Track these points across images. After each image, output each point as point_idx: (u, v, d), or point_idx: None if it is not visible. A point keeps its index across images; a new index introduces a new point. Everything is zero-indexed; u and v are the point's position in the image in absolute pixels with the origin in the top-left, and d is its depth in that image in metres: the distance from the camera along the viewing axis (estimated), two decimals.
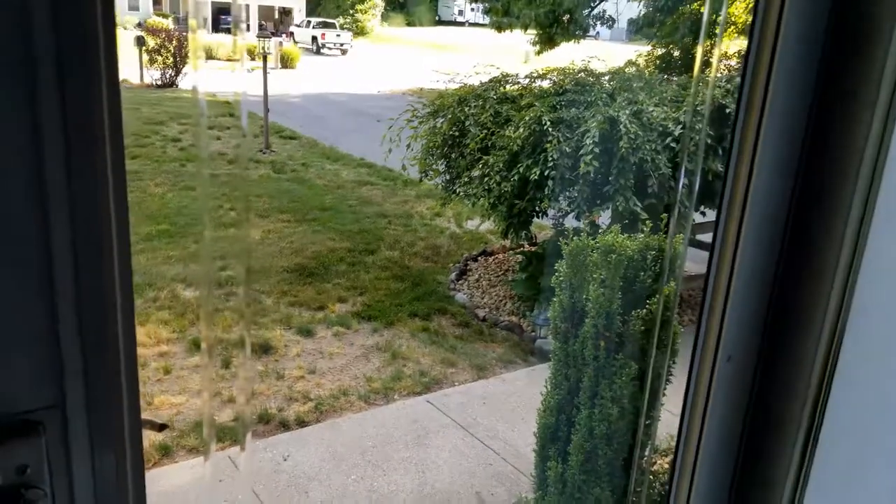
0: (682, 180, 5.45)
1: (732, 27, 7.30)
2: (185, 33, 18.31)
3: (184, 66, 18.52)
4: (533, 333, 6.66)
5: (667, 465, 3.16)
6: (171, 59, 18.36)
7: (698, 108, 5.81)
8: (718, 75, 7.80)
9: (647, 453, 3.02)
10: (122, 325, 0.78)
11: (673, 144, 5.88)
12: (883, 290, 1.04)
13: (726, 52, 7.46)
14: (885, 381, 1.03)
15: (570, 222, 6.84)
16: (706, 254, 1.22)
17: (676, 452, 1.22)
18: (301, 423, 5.05)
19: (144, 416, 1.01)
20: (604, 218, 6.33)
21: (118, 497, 0.85)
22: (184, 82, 18.55)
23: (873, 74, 1.03)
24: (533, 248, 7.94)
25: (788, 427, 1.14)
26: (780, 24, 1.07)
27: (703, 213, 6.54)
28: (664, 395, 2.92)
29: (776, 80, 1.10)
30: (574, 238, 3.11)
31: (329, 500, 4.28)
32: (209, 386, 4.57)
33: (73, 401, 0.79)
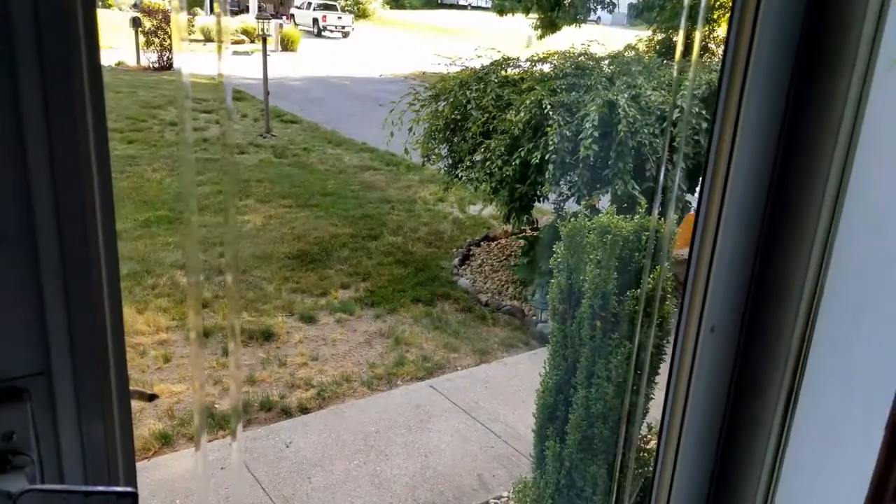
0: (669, 162, 5.49)
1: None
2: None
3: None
4: (534, 317, 6.69)
5: None
6: (169, 41, 18.18)
7: (685, 93, 5.84)
8: (715, 60, 7.78)
9: (640, 431, 3.05)
10: (107, 294, 0.79)
11: (671, 128, 5.88)
12: (856, 263, 1.07)
13: (723, 38, 7.42)
14: (858, 349, 1.05)
15: (571, 206, 6.85)
16: None
17: (663, 419, 1.24)
18: (303, 409, 5.09)
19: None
20: (604, 202, 6.34)
21: (107, 464, 0.86)
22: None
23: (850, 48, 1.04)
24: (535, 233, 7.96)
25: (770, 393, 1.16)
26: (760, 2, 1.09)
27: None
28: (658, 373, 2.95)
29: (757, 59, 1.11)
30: (571, 220, 3.13)
31: (332, 486, 4.32)
32: (199, 375, 4.60)
33: (58, 368, 0.80)
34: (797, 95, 1.13)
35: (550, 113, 6.18)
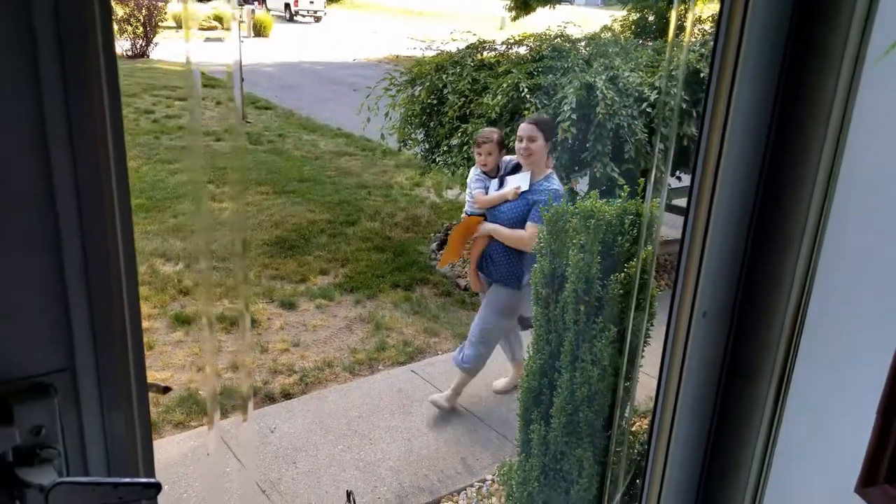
0: (658, 145, 5.51)
1: None
2: (155, 1, 17.94)
3: (154, 36, 18.15)
4: None
5: (645, 426, 3.23)
6: (142, 29, 17.94)
7: (672, 73, 5.86)
8: (693, 39, 7.81)
9: (626, 413, 3.09)
10: (126, 291, 0.81)
11: (649, 110, 5.91)
12: (847, 246, 1.09)
13: (700, 17, 7.46)
14: (849, 333, 1.08)
15: None
16: (682, 218, 1.26)
17: (656, 404, 1.27)
18: (287, 395, 5.09)
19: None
20: (581, 184, 6.37)
21: (128, 455, 0.88)
22: (155, 52, 18.21)
23: (840, 31, 1.06)
24: None
25: (761, 377, 1.19)
26: None
27: (679, 178, 6.60)
28: (642, 356, 2.98)
29: (748, 41, 1.13)
30: (554, 204, 3.15)
31: (317, 470, 4.34)
32: (211, 358, 4.62)
33: (82, 364, 0.82)
34: (788, 81, 1.15)
35: (527, 96, 6.19)
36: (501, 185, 4.66)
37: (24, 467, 0.78)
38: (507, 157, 4.81)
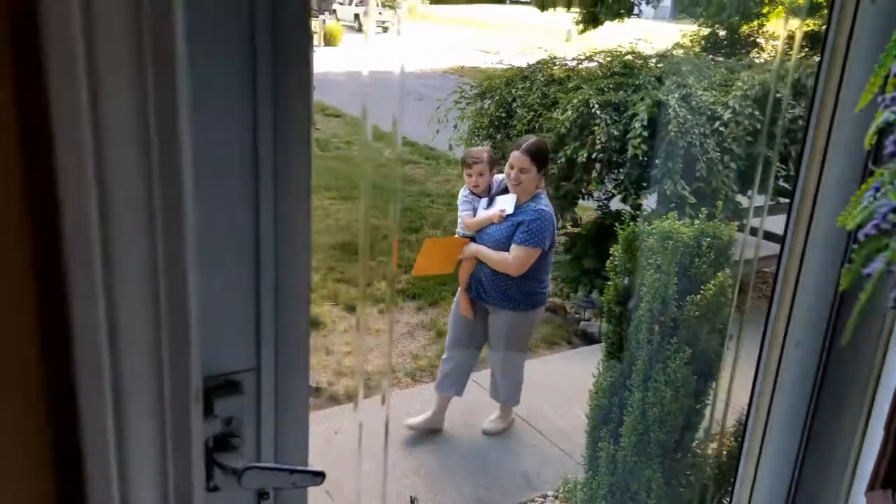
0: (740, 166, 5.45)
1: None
2: None
3: None
4: (577, 315, 6.70)
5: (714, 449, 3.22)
6: None
7: (736, 93, 5.81)
8: (768, 57, 7.72)
9: (700, 436, 3.08)
10: (302, 306, 0.91)
11: (721, 129, 5.88)
12: None
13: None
14: None
15: (614, 205, 6.87)
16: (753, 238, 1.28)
17: (745, 430, 1.29)
18: (350, 397, 5.18)
19: None
20: (650, 202, 6.34)
21: (289, 444, 1.01)
22: None
23: None
24: (576, 230, 7.96)
25: (851, 409, 1.20)
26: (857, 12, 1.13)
27: (749, 198, 6.52)
28: (716, 379, 2.97)
29: (853, 61, 1.14)
30: (630, 223, 3.17)
31: (378, 472, 4.39)
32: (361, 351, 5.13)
33: (265, 365, 0.94)
34: None
35: (598, 112, 6.20)
36: (491, 203, 4.42)
37: (221, 452, 0.92)
38: (499, 176, 4.54)
